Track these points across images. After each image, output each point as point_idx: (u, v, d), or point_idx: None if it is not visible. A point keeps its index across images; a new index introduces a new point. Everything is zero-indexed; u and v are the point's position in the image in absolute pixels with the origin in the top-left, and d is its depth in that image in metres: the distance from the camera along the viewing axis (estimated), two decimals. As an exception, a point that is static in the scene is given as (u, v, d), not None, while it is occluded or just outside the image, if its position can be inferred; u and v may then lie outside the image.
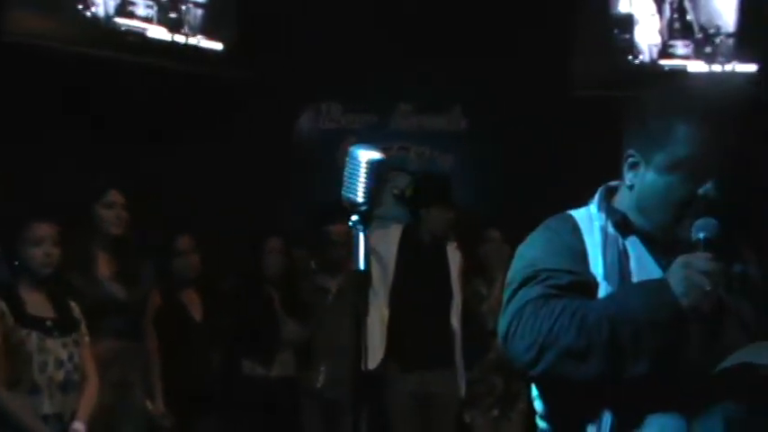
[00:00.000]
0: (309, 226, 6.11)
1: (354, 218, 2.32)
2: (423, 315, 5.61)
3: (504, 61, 7.33)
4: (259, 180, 7.05)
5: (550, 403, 2.23)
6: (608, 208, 2.25)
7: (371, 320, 5.51)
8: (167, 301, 5.54)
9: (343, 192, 2.31)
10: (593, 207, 2.28)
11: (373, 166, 2.28)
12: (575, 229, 2.22)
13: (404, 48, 7.38)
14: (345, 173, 2.30)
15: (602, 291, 2.13)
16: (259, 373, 5.77)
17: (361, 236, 2.32)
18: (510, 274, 2.23)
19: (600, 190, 2.32)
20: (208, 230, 6.06)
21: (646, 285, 2.10)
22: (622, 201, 2.27)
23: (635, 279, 2.15)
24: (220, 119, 7.06)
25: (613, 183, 2.33)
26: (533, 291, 2.12)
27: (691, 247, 2.10)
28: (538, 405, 2.27)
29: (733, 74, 8.11)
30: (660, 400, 2.06)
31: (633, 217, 2.23)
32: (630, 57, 8.09)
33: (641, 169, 2.22)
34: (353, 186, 2.29)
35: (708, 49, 8.15)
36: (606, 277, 2.14)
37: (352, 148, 2.30)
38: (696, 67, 8.14)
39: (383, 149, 2.34)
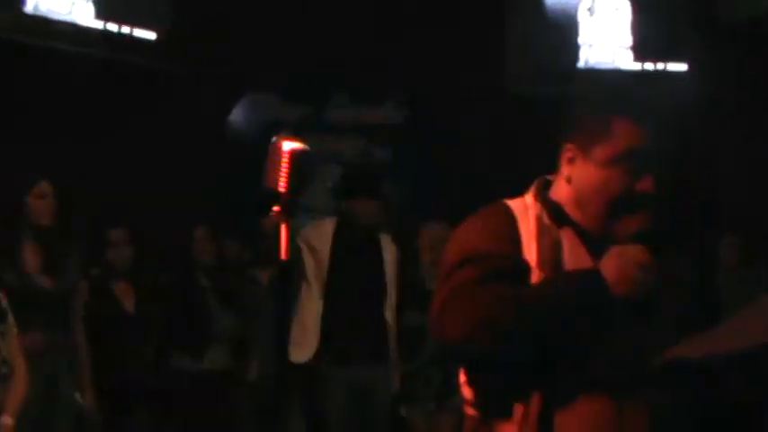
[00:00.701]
0: (242, 218, 6.07)
1: (276, 209, 2.31)
2: (357, 308, 5.58)
3: (442, 56, 7.35)
4: (193, 171, 6.99)
5: (479, 388, 2.24)
6: (544, 198, 2.28)
7: (306, 313, 5.55)
8: (100, 292, 5.47)
9: (265, 182, 2.30)
10: (528, 197, 2.30)
11: (296, 157, 2.28)
12: (510, 216, 2.24)
13: (342, 39, 7.36)
14: (268, 163, 2.30)
15: (535, 277, 2.16)
16: (191, 366, 5.73)
17: (284, 227, 2.32)
18: (444, 258, 2.23)
19: (536, 182, 2.34)
20: (141, 222, 5.99)
21: (580, 273, 2.13)
22: (558, 193, 2.29)
23: (567, 268, 2.17)
24: (156, 109, 6.97)
25: (549, 176, 2.35)
26: (468, 273, 2.13)
27: (624, 240, 2.13)
28: (466, 392, 2.28)
29: (665, 72, 8.24)
30: (589, 384, 2.09)
31: (569, 210, 2.25)
32: (566, 54, 8.17)
33: (579, 163, 2.25)
34: (276, 177, 2.29)
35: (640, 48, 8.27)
36: (539, 265, 2.16)
37: (275, 139, 2.29)
38: (629, 65, 8.25)
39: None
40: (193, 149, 7.08)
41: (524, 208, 2.26)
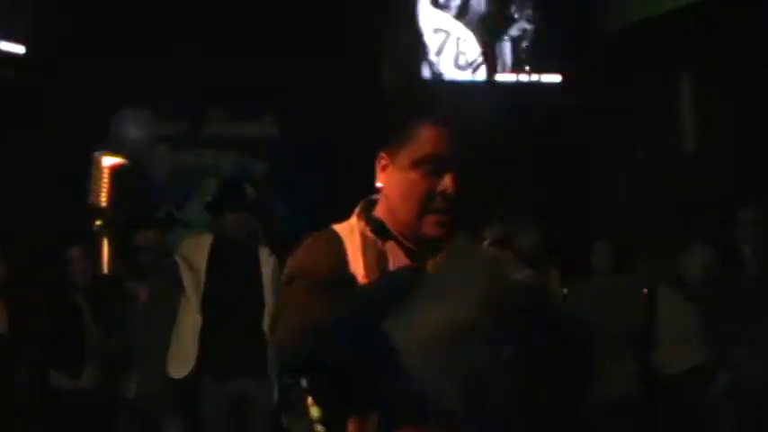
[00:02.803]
0: (118, 232, 6.01)
1: (98, 222, 2.35)
2: (235, 321, 5.58)
3: (316, 68, 7.38)
4: (64, 187, 6.87)
5: (321, 406, 2.31)
6: (367, 216, 2.37)
7: (185, 328, 5.53)
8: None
9: (89, 198, 2.33)
10: (353, 218, 2.39)
11: (117, 172, 2.32)
12: (336, 238, 2.33)
13: (217, 53, 7.34)
14: (90, 179, 2.33)
15: None
16: (68, 385, 5.65)
17: (105, 241, 2.36)
18: (281, 278, 2.33)
19: (361, 202, 2.43)
20: (12, 239, 5.88)
21: (393, 271, 2.26)
22: (380, 207, 2.39)
23: None
24: (24, 124, 6.85)
25: (375, 196, 2.43)
26: (296, 288, 2.23)
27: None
28: (314, 411, 2.35)
29: (540, 84, 8.42)
30: (420, 404, 2.17)
31: (391, 222, 2.35)
32: (440, 65, 8.28)
33: (389, 170, 2.35)
34: (98, 192, 2.32)
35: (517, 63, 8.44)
36: (366, 278, 2.26)
37: (96, 154, 2.33)
38: (502, 76, 8.41)
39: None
40: (64, 165, 6.96)
41: (350, 228, 2.35)
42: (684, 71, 8.77)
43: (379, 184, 2.38)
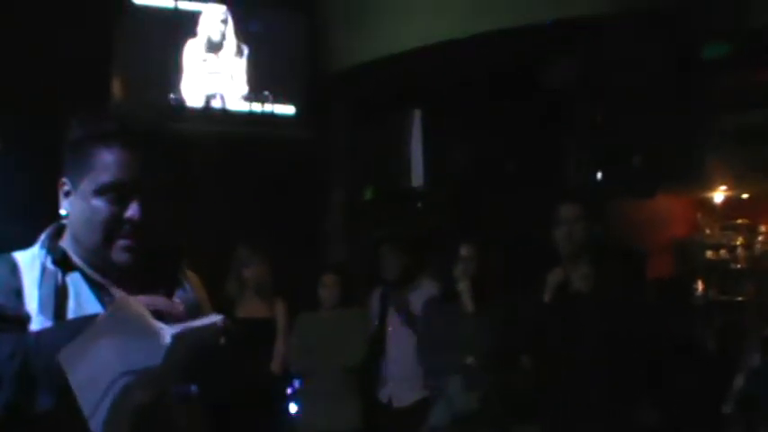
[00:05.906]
0: None
1: None
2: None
3: (41, 85, 7.05)
4: None
5: None
6: (50, 245, 2.27)
7: None
8: None
9: None
10: (37, 246, 2.29)
11: None
12: (13, 268, 2.21)
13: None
14: None
15: (38, 326, 2.12)
16: None
17: None
18: None
19: (49, 228, 2.33)
20: None
21: (72, 321, 2.13)
22: (67, 235, 2.30)
23: (72, 315, 2.17)
24: None
25: (65, 221, 2.34)
26: None
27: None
28: None
29: (273, 115, 8.42)
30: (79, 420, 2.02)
31: (75, 250, 2.26)
32: (170, 93, 8.11)
33: (72, 197, 2.26)
34: None
35: (251, 93, 8.40)
36: (41, 313, 2.14)
37: None
38: (236, 106, 8.35)
39: None
40: None
41: (32, 258, 2.24)
42: (413, 112, 9.04)
43: (62, 212, 2.27)
